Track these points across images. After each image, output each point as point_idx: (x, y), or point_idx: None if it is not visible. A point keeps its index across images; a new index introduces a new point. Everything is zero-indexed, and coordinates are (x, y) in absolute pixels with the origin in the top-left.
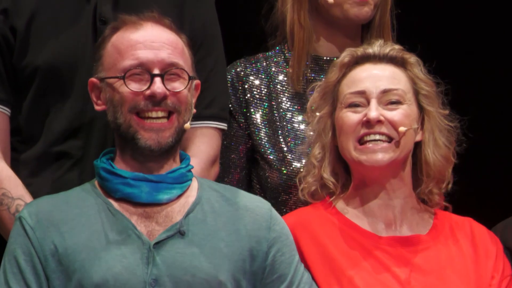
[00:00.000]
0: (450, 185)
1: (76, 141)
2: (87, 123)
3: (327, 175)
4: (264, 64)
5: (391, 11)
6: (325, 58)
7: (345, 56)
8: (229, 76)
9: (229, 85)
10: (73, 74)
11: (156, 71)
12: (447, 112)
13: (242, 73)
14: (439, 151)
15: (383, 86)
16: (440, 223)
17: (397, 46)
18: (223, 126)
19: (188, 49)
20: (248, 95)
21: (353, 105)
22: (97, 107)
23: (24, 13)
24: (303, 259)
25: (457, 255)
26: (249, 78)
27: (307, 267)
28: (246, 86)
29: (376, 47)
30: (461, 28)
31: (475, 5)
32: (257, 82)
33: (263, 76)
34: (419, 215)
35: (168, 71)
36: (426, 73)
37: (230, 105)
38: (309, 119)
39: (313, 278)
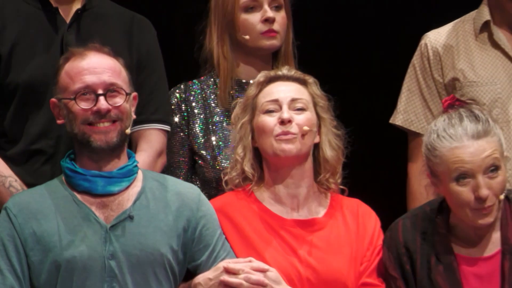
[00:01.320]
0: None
1: (49, 141)
2: (57, 127)
3: (248, 168)
4: (199, 87)
5: (293, 43)
6: (245, 81)
7: (261, 76)
8: (173, 98)
9: (174, 105)
10: (45, 89)
11: (100, 91)
12: (335, 123)
13: (183, 94)
14: (332, 150)
15: (292, 95)
16: (334, 205)
17: (299, 71)
18: (167, 127)
19: (124, 69)
20: (189, 111)
21: (269, 111)
22: (58, 121)
23: (7, 43)
24: (224, 234)
25: (345, 232)
26: (189, 98)
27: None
28: (187, 104)
29: (284, 70)
30: (350, 59)
31: (357, 40)
32: (194, 101)
33: (199, 97)
34: (318, 200)
35: (109, 90)
36: (321, 91)
37: (176, 119)
38: (233, 127)
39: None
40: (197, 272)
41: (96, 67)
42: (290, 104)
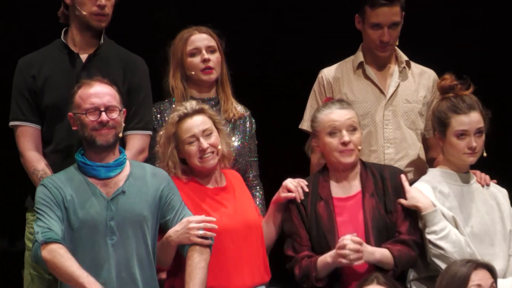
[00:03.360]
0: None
1: (68, 143)
2: (72, 134)
3: (180, 174)
4: (168, 104)
5: (227, 73)
6: (197, 98)
7: (175, 116)
8: (155, 110)
9: (154, 114)
10: (66, 108)
11: (102, 108)
12: (226, 128)
13: (161, 109)
14: (227, 148)
15: (202, 127)
16: (230, 178)
17: (193, 102)
18: (148, 132)
19: (117, 93)
20: (162, 119)
21: (190, 143)
22: (73, 128)
23: (42, 78)
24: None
25: (239, 189)
26: (162, 111)
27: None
28: (161, 115)
29: (188, 107)
30: (274, 86)
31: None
32: (165, 112)
33: (168, 111)
34: (225, 176)
35: (108, 108)
36: (214, 110)
37: (155, 125)
38: (158, 151)
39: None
40: (166, 228)
41: (99, 92)
42: (202, 133)
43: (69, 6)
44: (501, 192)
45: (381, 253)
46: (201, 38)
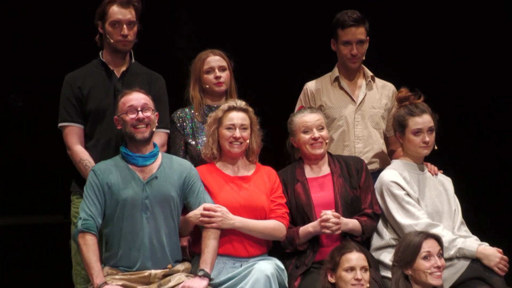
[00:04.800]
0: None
1: (106, 138)
2: (110, 132)
3: (214, 150)
4: (189, 109)
5: (235, 86)
6: (211, 106)
7: (225, 106)
8: (176, 115)
9: (177, 118)
10: (105, 112)
11: (139, 108)
12: (259, 126)
13: (181, 114)
14: (256, 145)
15: (241, 122)
16: (257, 170)
17: (244, 103)
18: (167, 131)
19: (151, 99)
20: (184, 122)
21: (229, 128)
22: (118, 127)
23: (86, 89)
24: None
25: (263, 182)
26: (184, 115)
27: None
28: (183, 118)
29: (238, 102)
30: (273, 96)
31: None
32: (186, 117)
33: (188, 116)
34: (249, 167)
35: (144, 108)
36: (253, 113)
37: (177, 126)
38: (206, 128)
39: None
40: (188, 207)
41: (137, 97)
42: (240, 126)
43: (102, 34)
44: (447, 180)
45: (353, 224)
46: (214, 59)
